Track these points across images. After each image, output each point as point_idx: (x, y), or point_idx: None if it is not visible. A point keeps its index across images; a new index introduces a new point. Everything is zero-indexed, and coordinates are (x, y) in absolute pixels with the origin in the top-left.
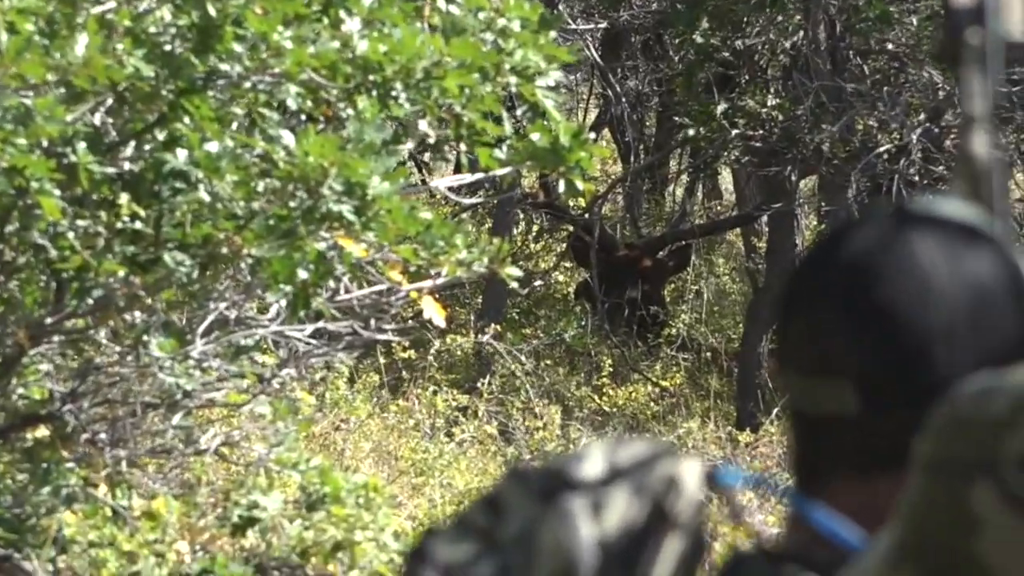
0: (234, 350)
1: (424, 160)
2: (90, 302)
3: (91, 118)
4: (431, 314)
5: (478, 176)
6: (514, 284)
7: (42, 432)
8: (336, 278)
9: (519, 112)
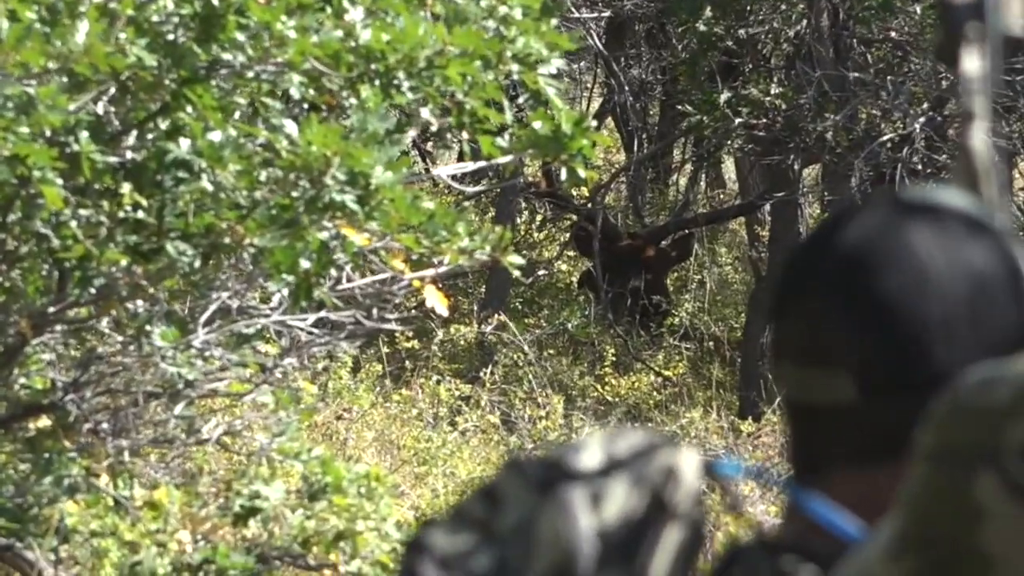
0: (236, 339)
1: (427, 148)
2: (92, 291)
3: (94, 107)
4: (434, 303)
5: (480, 164)
6: (517, 272)
7: (44, 422)
8: (339, 267)
9: (521, 100)
